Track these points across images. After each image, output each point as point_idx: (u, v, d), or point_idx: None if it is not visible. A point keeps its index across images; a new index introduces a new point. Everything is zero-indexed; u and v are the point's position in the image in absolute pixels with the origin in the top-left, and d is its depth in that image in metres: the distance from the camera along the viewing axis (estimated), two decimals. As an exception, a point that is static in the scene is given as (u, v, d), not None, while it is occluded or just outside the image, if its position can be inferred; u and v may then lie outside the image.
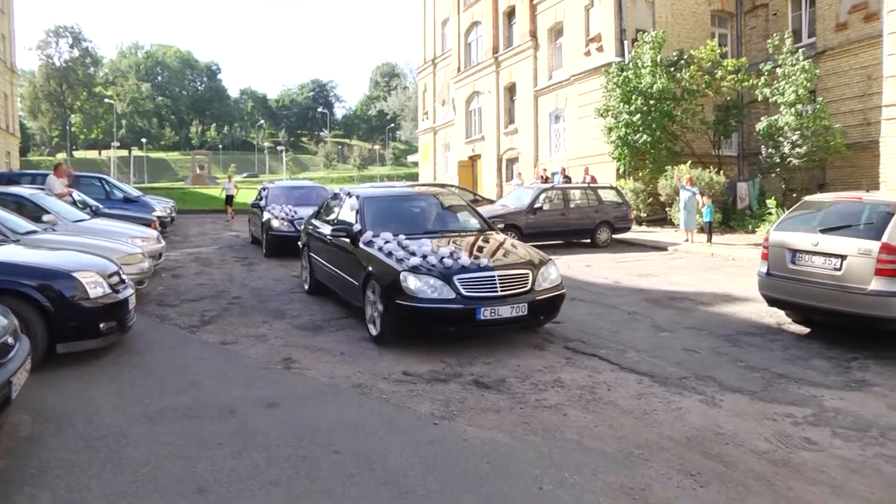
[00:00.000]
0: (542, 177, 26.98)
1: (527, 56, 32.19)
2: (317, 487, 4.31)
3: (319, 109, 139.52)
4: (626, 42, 25.17)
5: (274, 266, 14.82)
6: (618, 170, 24.45)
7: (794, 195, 15.86)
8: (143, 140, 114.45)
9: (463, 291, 7.42)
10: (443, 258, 7.79)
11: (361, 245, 8.63)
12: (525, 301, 7.64)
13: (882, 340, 7.95)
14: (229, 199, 31.47)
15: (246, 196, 34.70)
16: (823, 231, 8.71)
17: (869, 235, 8.20)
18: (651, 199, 23.61)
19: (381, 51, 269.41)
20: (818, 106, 21.08)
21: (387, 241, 8.33)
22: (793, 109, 20.83)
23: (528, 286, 7.80)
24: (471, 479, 4.48)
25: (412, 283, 7.45)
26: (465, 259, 7.78)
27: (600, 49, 26.28)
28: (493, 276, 7.63)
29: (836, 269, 8.27)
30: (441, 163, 45.35)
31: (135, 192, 23.10)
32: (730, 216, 22.80)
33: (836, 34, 23.22)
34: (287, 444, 4.99)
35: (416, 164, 57.58)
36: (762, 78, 21.79)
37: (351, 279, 8.87)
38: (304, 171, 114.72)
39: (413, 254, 7.93)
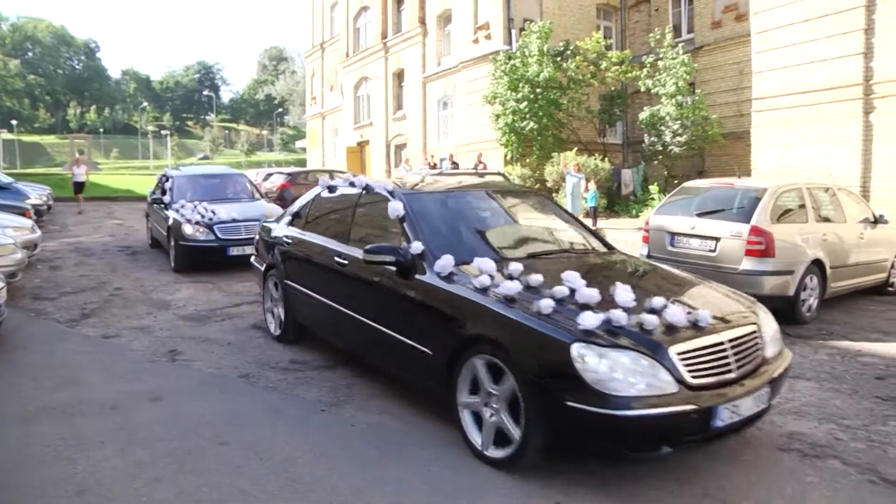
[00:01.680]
0: (429, 163, 26.96)
1: (415, 42, 32.06)
2: (203, 481, 4.13)
3: (205, 92, 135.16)
4: (513, 31, 25.37)
5: (160, 256, 14.17)
6: (505, 156, 24.69)
7: (676, 181, 16.42)
8: (14, 122, 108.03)
9: (687, 376, 3.96)
10: (624, 308, 4.25)
11: (434, 282, 4.91)
12: (765, 381, 4.36)
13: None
14: (78, 187, 26.30)
15: (133, 184, 33.12)
16: (700, 215, 9.07)
17: (740, 219, 8.60)
18: (538, 185, 23.91)
19: (268, 33, 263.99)
20: (697, 98, 22.19)
21: (492, 276, 4.71)
22: (673, 100, 21.61)
23: (761, 354, 4.53)
24: (359, 464, 4.39)
25: (596, 364, 3.87)
26: (671, 310, 4.26)
27: (488, 37, 26.42)
28: (723, 343, 4.23)
29: (710, 251, 8.61)
30: (329, 148, 44.85)
31: (5, 179, 21.53)
32: (615, 201, 23.56)
33: (712, 31, 24.34)
34: (172, 438, 4.80)
35: (304, 149, 56.63)
36: (644, 70, 22.50)
37: (414, 344, 4.98)
38: (190, 156, 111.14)
39: (562, 299, 4.37)
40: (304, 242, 6.95)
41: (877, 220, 10.21)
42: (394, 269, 5.17)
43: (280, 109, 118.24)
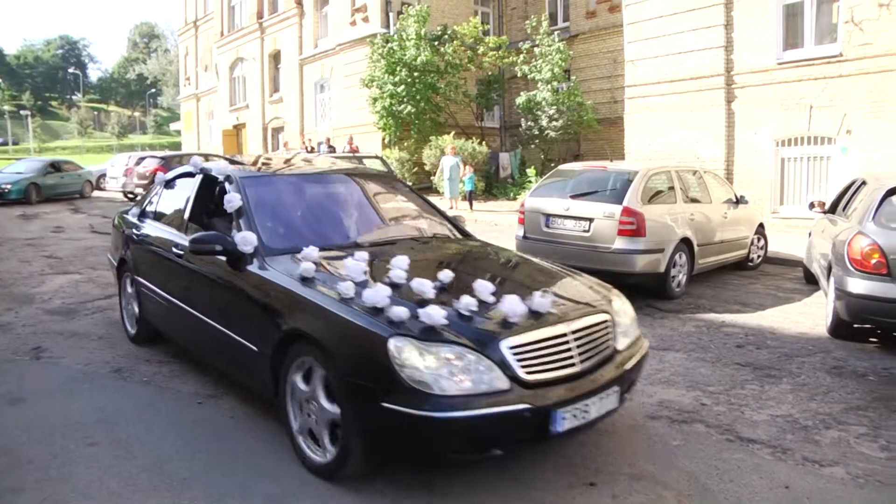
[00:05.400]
0: (306, 147, 26.60)
1: (292, 23, 31.40)
2: (70, 487, 3.85)
3: (71, 70, 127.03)
4: (391, 14, 25.20)
5: (20, 245, 13.35)
6: (383, 140, 24.59)
7: (553, 164, 16.79)
8: None
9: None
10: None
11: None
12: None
13: (628, 291, 8.47)
14: None
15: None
16: (574, 197, 9.26)
17: (612, 200, 8.83)
18: (416, 169, 23.97)
19: (138, 8, 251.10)
20: (572, 84, 22.70)
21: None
22: (549, 86, 22.02)
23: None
24: (238, 457, 4.23)
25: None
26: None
27: (366, 20, 26.17)
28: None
29: (584, 231, 8.81)
30: (205, 131, 43.41)
31: None
32: (493, 184, 23.88)
33: (587, 21, 24.87)
34: (35, 442, 4.44)
35: (179, 132, 54.80)
36: (521, 56, 22.81)
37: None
38: (55, 138, 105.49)
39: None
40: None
41: (738, 201, 10.72)
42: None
43: (153, 90, 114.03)
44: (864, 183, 8.08)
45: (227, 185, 5.30)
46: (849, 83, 13.92)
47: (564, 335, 3.83)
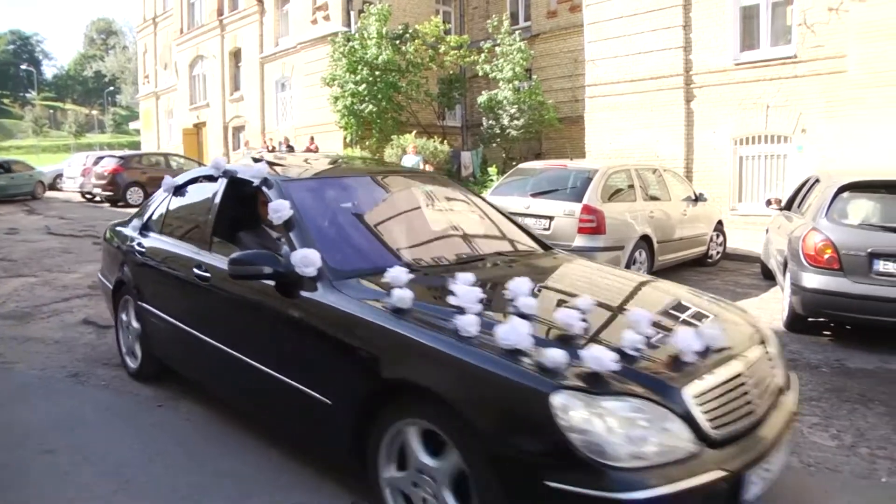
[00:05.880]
0: (268, 146, 26.41)
1: (253, 21, 31.16)
2: (24, 497, 3.74)
3: (24, 67, 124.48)
4: (352, 13, 25.13)
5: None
6: (345, 139, 24.50)
7: (514, 163, 16.88)
8: None
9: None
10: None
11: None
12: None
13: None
14: None
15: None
16: (534, 195, 9.33)
17: (572, 198, 8.94)
18: (377, 169, 23.88)
19: (94, 4, 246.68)
20: (533, 83, 22.78)
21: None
22: (511, 85, 22.07)
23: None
24: (196, 460, 4.16)
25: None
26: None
27: (327, 18, 26.06)
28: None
29: (545, 229, 8.87)
30: (165, 130, 42.85)
31: None
32: (454, 183, 23.66)
33: (548, 20, 25.06)
34: None
35: (138, 131, 54.10)
36: (482, 55, 22.91)
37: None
38: (9, 138, 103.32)
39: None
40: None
41: (697, 198, 10.91)
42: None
43: (111, 88, 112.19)
44: (817, 181, 8.27)
45: (266, 190, 4.30)
46: (803, 84, 14.23)
47: (741, 374, 3.02)
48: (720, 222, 11.64)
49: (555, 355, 2.69)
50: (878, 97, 12.93)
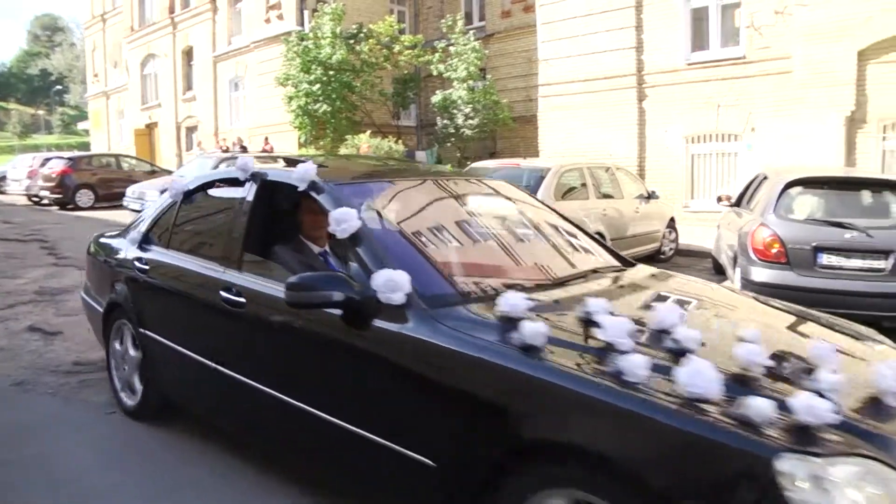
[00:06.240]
0: (222, 147, 26.13)
1: (205, 19, 30.83)
2: None
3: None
4: (305, 12, 24.98)
5: None
6: (299, 139, 24.36)
7: (469, 162, 16.96)
8: None
9: None
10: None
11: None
12: None
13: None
14: None
15: None
16: (488, 194, 9.35)
17: (526, 196, 8.96)
18: (333, 169, 23.82)
19: None
20: (487, 83, 22.94)
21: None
22: (465, 85, 22.17)
23: None
24: (153, 468, 4.05)
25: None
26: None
27: (280, 17, 25.90)
28: None
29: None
30: (116, 131, 42.18)
31: None
32: (409, 183, 23.68)
33: (503, 20, 25.20)
34: None
35: (87, 131, 53.11)
36: (437, 55, 22.94)
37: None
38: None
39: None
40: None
41: (650, 196, 11.09)
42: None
43: (59, 87, 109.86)
44: (765, 178, 8.46)
45: (317, 196, 3.56)
46: (753, 84, 14.53)
47: None
48: (672, 219, 11.86)
49: (761, 406, 2.10)
50: (821, 97, 13.33)
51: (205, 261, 4.15)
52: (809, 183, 7.59)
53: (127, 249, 4.99)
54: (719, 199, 9.93)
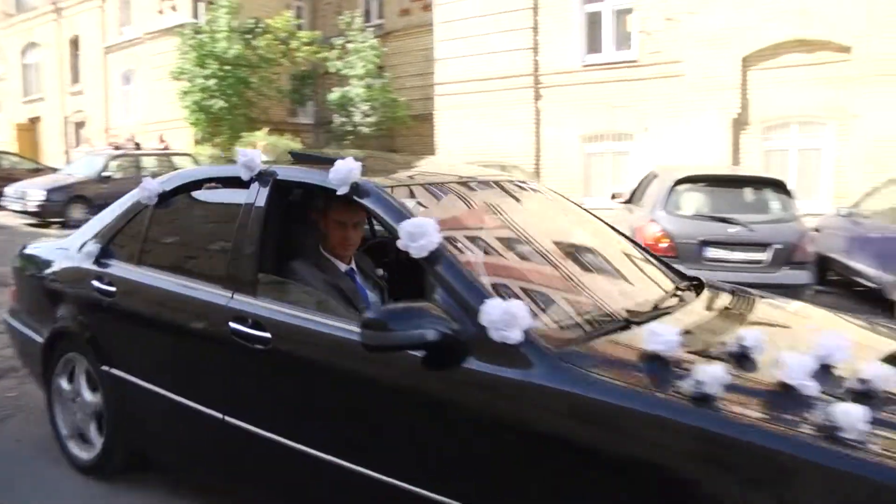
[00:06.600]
0: (113, 144, 25.09)
1: (93, 6, 29.51)
2: None
3: None
4: (200, 4, 24.42)
5: None
6: (195, 136, 23.76)
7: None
8: None
9: None
10: None
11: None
12: None
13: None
14: None
15: None
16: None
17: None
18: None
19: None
20: (385, 80, 22.86)
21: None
22: (363, 82, 22.14)
23: None
24: (30, 485, 3.81)
25: None
26: None
27: (174, 8, 25.21)
28: None
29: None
30: (-7, 125, 40.02)
31: None
32: (307, 182, 23.48)
33: (401, 18, 25.27)
34: None
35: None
36: (335, 51, 22.82)
37: None
38: None
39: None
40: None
41: (545, 195, 11.22)
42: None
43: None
44: (656, 176, 8.71)
45: (364, 202, 2.83)
46: (646, 86, 14.97)
47: None
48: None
49: None
50: (709, 100, 13.97)
51: (200, 282, 3.31)
52: (696, 180, 7.88)
53: (75, 264, 3.99)
54: (613, 197, 10.17)
